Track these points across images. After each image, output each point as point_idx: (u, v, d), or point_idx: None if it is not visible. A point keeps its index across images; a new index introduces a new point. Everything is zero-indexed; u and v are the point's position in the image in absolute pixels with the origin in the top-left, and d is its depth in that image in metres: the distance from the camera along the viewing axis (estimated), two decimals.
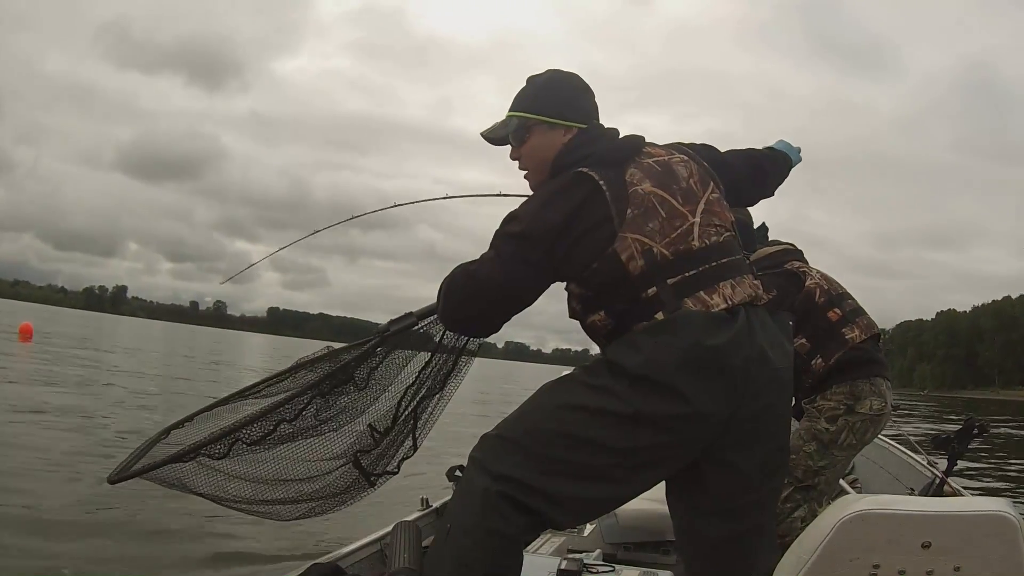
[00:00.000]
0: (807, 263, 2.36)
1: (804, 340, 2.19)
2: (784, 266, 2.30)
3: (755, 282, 1.38)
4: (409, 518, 2.13)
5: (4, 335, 19.85)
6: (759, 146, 1.75)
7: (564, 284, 1.41)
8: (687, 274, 1.30)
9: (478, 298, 1.36)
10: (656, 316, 1.27)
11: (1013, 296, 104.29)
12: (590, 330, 1.39)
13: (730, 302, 1.29)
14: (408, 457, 1.60)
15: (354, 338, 1.56)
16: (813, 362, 2.18)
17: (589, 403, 1.26)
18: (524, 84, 1.50)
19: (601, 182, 1.31)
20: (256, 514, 1.61)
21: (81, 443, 5.88)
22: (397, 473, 1.60)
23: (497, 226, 1.38)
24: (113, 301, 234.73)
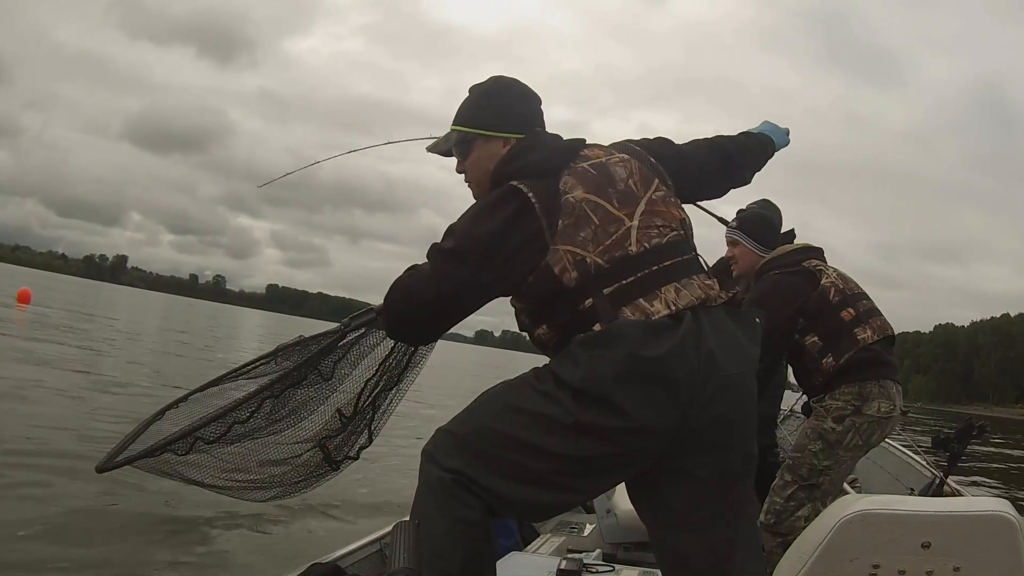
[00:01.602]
0: (825, 262, 2.33)
1: (816, 338, 2.18)
2: (801, 264, 2.28)
3: (707, 282, 1.32)
4: (409, 518, 2.13)
5: (2, 299, 19.96)
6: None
7: (510, 299, 1.39)
8: (624, 282, 1.26)
9: (413, 311, 1.35)
10: (594, 327, 1.24)
11: (1012, 314, 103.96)
12: (538, 343, 1.37)
13: (674, 307, 1.24)
14: (365, 447, 1.64)
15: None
16: (824, 361, 2.16)
17: (533, 408, 1.25)
18: (467, 94, 1.48)
19: (530, 195, 1.28)
20: (237, 497, 1.66)
21: (72, 423, 5.81)
22: (357, 459, 1.64)
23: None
24: (113, 270, 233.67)
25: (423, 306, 1.33)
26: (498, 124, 1.43)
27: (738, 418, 1.26)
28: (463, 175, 1.49)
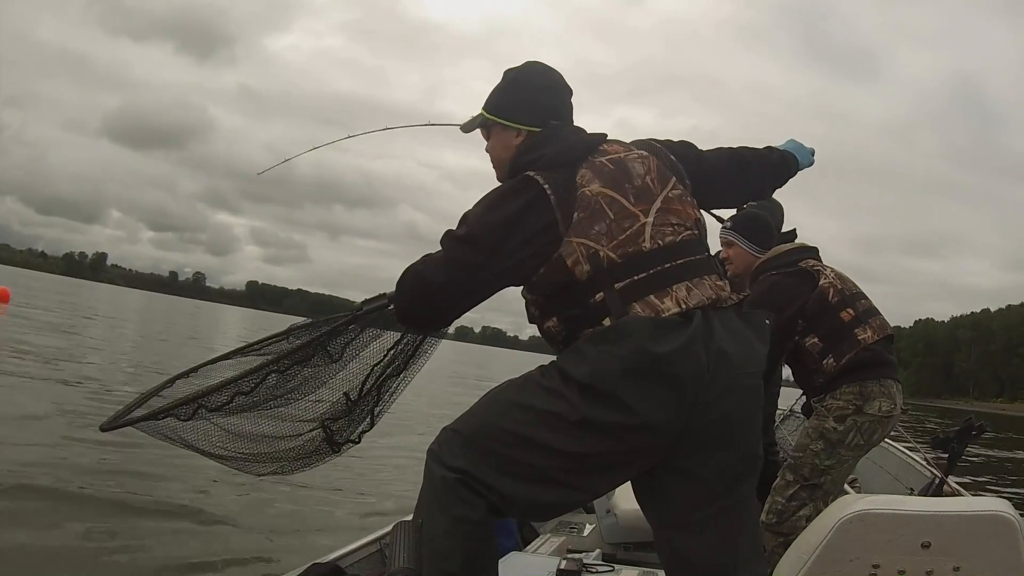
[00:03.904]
0: (821, 261, 2.33)
1: (816, 339, 2.17)
2: (798, 264, 2.27)
3: (719, 283, 1.32)
4: (409, 518, 2.13)
5: None
6: (762, 145, 1.69)
7: (521, 289, 1.39)
8: (636, 277, 1.26)
9: (424, 297, 1.36)
10: (603, 322, 1.24)
11: (992, 309, 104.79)
12: (546, 336, 1.37)
13: (684, 305, 1.24)
14: (366, 431, 1.64)
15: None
16: (825, 361, 2.16)
17: (539, 405, 1.25)
18: (501, 77, 1.50)
19: (546, 186, 1.28)
20: (235, 468, 1.66)
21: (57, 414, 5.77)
22: (358, 443, 1.65)
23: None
24: (93, 268, 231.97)
25: (434, 292, 1.34)
26: (514, 115, 1.44)
27: (743, 418, 1.27)
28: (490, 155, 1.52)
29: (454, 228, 1.34)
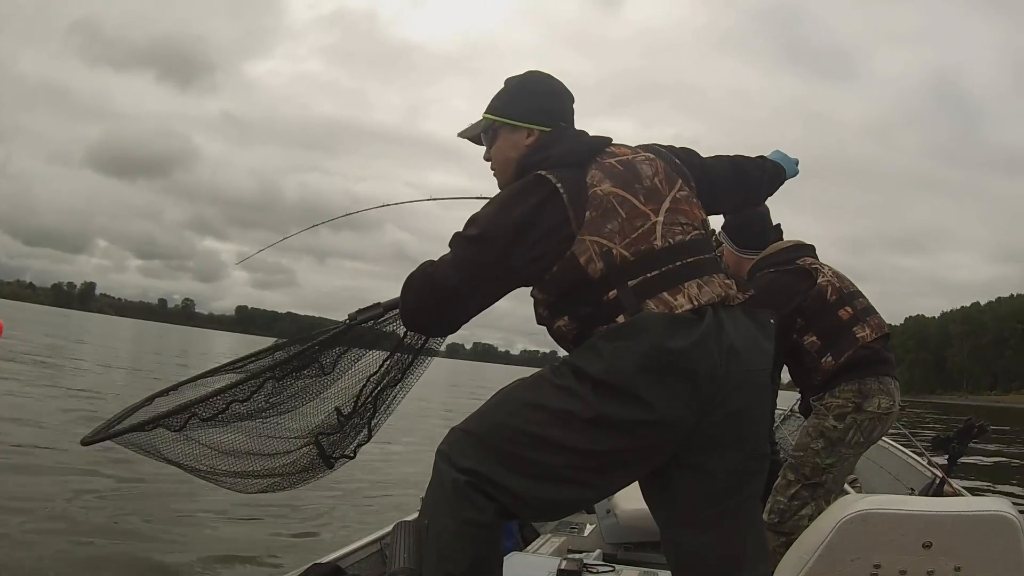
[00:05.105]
0: (818, 259, 2.33)
1: (815, 337, 2.18)
2: (796, 262, 2.27)
3: (727, 281, 1.34)
4: (409, 518, 2.13)
5: None
6: (751, 153, 1.72)
7: (529, 290, 1.40)
8: (649, 275, 1.27)
9: (434, 301, 1.34)
10: (617, 319, 1.25)
11: (982, 302, 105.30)
12: (556, 335, 1.37)
13: (696, 302, 1.26)
14: (363, 444, 1.62)
15: None
16: (823, 360, 2.16)
17: (552, 403, 1.25)
18: (503, 85, 1.52)
19: (558, 184, 1.30)
20: (220, 485, 1.62)
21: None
22: (353, 458, 1.62)
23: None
24: (81, 298, 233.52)
25: (445, 294, 1.32)
26: (524, 115, 1.46)
27: (753, 414, 1.28)
28: (489, 163, 1.51)
29: (462, 230, 1.34)
